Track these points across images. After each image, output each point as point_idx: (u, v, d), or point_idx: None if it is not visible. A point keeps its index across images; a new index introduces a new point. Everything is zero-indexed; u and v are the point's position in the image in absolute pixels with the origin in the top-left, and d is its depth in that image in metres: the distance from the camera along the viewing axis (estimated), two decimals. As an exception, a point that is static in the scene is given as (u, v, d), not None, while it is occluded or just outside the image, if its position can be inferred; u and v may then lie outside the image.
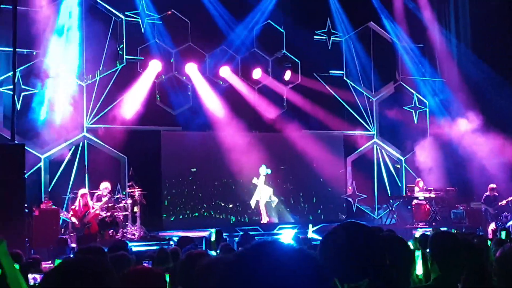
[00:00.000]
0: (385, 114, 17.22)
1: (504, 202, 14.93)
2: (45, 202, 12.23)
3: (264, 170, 15.26)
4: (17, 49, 11.18)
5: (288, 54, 16.35)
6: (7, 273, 2.47)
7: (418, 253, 3.81)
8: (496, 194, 15.16)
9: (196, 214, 15.28)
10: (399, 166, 17.59)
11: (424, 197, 15.70)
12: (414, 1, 17.37)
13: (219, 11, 15.35)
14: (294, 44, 16.27)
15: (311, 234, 10.06)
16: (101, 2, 14.17)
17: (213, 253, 6.60)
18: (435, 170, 16.40)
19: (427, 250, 3.80)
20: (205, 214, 15.39)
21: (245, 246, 1.52)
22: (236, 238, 12.04)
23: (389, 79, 17.63)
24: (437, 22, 17.61)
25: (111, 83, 14.12)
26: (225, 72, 15.54)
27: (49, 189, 13.37)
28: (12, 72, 11.35)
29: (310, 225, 10.35)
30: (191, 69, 15.10)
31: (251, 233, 12.59)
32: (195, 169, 15.30)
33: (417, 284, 3.84)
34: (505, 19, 16.29)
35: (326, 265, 1.63)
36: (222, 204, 15.59)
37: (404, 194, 16.74)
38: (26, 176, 11.43)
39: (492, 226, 13.64)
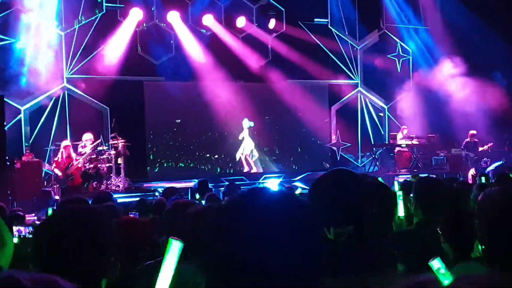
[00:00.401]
0: (369, 62, 17.15)
1: (485, 147, 15.17)
2: (27, 154, 12.08)
3: (247, 123, 15.19)
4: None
5: (273, 1, 16.04)
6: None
7: (399, 193, 3.86)
8: (476, 140, 15.41)
9: (182, 165, 15.28)
10: (382, 115, 17.67)
11: (406, 145, 15.87)
12: None
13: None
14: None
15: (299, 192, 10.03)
16: None
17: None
18: (418, 118, 16.53)
19: (411, 195, 3.84)
20: (191, 165, 15.39)
21: (235, 193, 1.52)
22: (222, 188, 12.09)
23: (373, 27, 17.46)
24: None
25: (90, 32, 13.76)
26: (209, 20, 15.23)
27: (30, 141, 13.20)
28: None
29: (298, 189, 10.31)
30: (173, 17, 14.77)
31: (236, 183, 12.65)
32: (179, 120, 15.20)
33: (399, 225, 3.90)
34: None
35: (315, 210, 1.61)
36: (207, 155, 15.58)
37: (387, 142, 16.89)
38: (6, 128, 11.27)
39: (472, 171, 13.86)
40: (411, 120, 16.60)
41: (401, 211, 3.82)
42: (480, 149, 15.24)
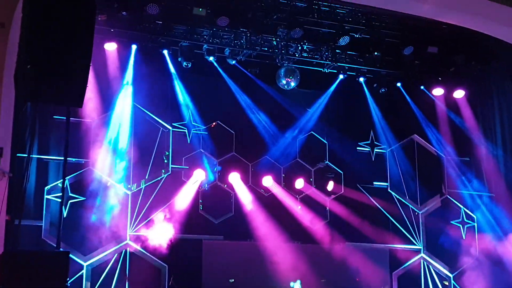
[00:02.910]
0: (432, 228, 16.74)
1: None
2: (84, 311, 12.09)
3: (297, 285, 14.74)
4: (67, 158, 11.58)
5: (331, 164, 16.42)
6: None
7: None
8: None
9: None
10: (447, 283, 16.78)
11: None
12: (459, 115, 17.39)
13: (263, 122, 15.74)
14: (337, 155, 16.39)
15: None
16: (150, 114, 14.75)
17: None
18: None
19: None
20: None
21: None
22: None
23: (435, 192, 17.31)
24: (483, 135, 17.50)
25: (156, 191, 14.37)
26: (268, 181, 15.64)
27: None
28: (61, 180, 11.69)
29: None
30: (234, 178, 15.28)
31: None
32: (233, 280, 15.00)
33: None
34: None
35: None
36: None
37: (454, 314, 15.85)
38: (68, 283, 11.40)
39: None
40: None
41: None
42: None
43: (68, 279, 11.01)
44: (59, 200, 11.94)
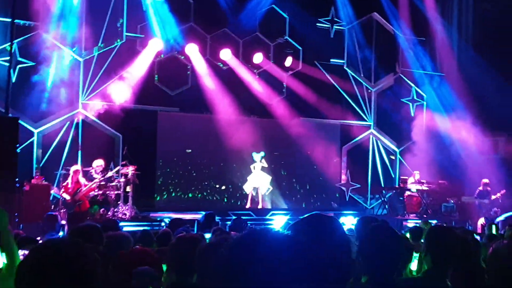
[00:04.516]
0: (383, 105, 17.19)
1: (498, 195, 15.00)
2: (37, 177, 12.10)
3: (258, 156, 15.12)
4: (15, 20, 11.00)
5: (291, 40, 16.23)
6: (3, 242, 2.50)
7: (416, 255, 3.80)
8: (489, 189, 15.25)
9: (190, 195, 15.24)
10: (393, 158, 17.60)
11: (417, 189, 15.73)
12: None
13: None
14: (297, 31, 16.16)
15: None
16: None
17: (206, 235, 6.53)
18: (428, 163, 16.43)
19: (421, 241, 3.78)
20: (199, 196, 15.34)
21: (241, 234, 1.64)
22: (229, 222, 12.01)
23: (389, 70, 17.56)
24: (440, 16, 17.50)
25: (109, 59, 13.96)
26: (226, 55, 15.41)
27: (41, 165, 13.25)
28: (9, 43, 11.18)
29: None
30: (192, 50, 14.95)
31: (243, 217, 12.55)
32: (190, 150, 15.24)
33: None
34: (509, 19, 16.15)
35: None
36: (216, 186, 15.55)
37: (397, 186, 16.77)
38: (18, 150, 11.32)
39: (481, 220, 13.68)
40: (421, 165, 16.50)
41: (414, 265, 3.74)
42: (493, 197, 15.07)
43: (18, 145, 10.98)
44: (7, 64, 11.45)
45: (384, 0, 17.07)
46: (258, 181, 15.05)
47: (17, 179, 10.31)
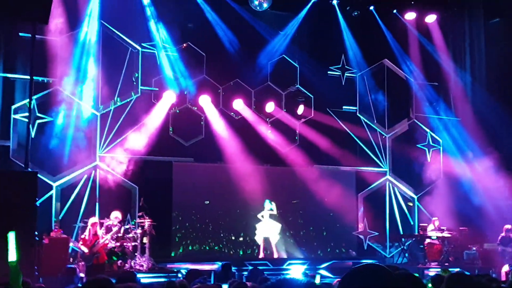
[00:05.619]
0: (398, 151, 17.13)
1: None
2: (55, 230, 12.19)
3: (268, 205, 15.08)
4: (34, 77, 11.30)
5: (302, 88, 16.43)
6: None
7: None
8: (511, 235, 14.92)
9: (207, 248, 15.16)
10: (411, 204, 17.40)
11: (437, 237, 15.46)
12: (430, 41, 17.45)
13: (234, 46, 15.49)
14: (308, 79, 16.38)
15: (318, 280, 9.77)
16: (118, 33, 14.36)
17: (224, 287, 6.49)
18: (448, 210, 16.20)
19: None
20: (215, 248, 15.26)
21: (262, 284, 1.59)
22: (245, 273, 11.92)
23: (403, 116, 17.59)
24: (452, 60, 17.66)
25: (125, 113, 14.23)
26: (239, 104, 15.62)
27: (60, 217, 13.35)
28: (27, 100, 11.46)
29: (318, 276, 10.07)
30: (205, 101, 15.20)
31: (260, 268, 12.45)
32: (208, 202, 15.23)
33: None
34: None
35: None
36: (232, 238, 15.47)
37: (416, 233, 16.49)
38: (38, 203, 11.43)
39: (505, 268, 13.35)
40: (440, 212, 16.26)
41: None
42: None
43: (37, 198, 11.11)
44: (26, 120, 11.72)
45: (394, 46, 17.28)
46: (268, 231, 14.98)
47: (36, 233, 10.39)
